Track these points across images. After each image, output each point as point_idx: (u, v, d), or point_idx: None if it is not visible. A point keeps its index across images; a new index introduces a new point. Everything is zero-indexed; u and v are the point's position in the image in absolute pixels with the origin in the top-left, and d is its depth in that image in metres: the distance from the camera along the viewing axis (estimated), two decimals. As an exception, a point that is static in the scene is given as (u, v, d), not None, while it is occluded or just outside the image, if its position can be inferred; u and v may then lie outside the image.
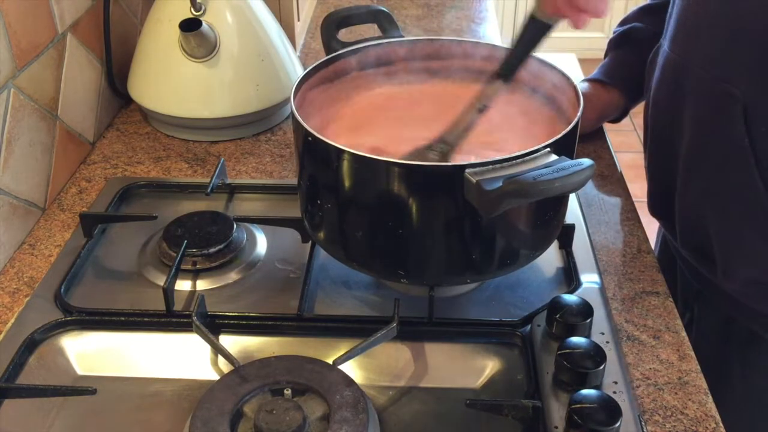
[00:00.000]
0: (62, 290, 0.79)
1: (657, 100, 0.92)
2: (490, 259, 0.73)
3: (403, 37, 0.86)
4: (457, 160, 0.74)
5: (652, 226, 1.02)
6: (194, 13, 1.05)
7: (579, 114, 0.70)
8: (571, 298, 0.73)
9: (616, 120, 1.10)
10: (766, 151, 0.78)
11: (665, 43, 0.88)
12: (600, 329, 0.74)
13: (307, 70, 0.79)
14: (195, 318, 0.72)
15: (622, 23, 1.08)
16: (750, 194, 0.80)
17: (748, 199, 0.81)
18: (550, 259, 0.84)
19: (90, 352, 0.75)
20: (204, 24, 1.02)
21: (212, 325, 0.75)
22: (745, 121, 0.78)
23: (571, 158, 0.64)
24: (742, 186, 0.81)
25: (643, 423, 0.66)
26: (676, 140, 0.88)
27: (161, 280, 0.80)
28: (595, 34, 3.44)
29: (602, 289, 0.81)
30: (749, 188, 0.80)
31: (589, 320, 0.71)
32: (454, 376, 0.73)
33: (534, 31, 0.72)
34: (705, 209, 0.86)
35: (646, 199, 1.03)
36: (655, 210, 0.99)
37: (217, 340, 0.73)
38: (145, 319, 0.77)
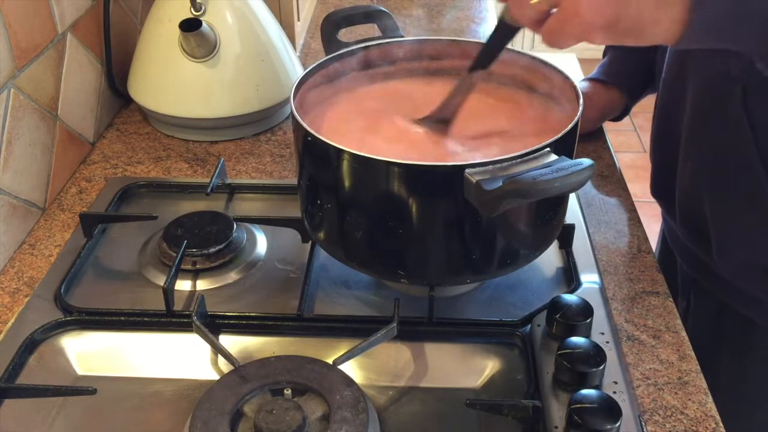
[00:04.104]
0: (62, 290, 0.79)
1: (665, 80, 0.93)
2: (490, 259, 0.73)
3: (403, 37, 0.86)
4: (458, 157, 0.74)
5: (652, 226, 1.02)
6: (194, 13, 1.05)
7: (579, 114, 0.70)
8: (571, 298, 0.73)
9: (618, 118, 1.10)
10: (765, 132, 0.78)
11: None
12: (600, 329, 0.74)
13: (307, 70, 0.79)
14: (195, 318, 0.72)
15: None
16: (747, 175, 0.81)
17: (745, 181, 0.81)
18: (550, 259, 0.84)
19: (90, 352, 0.75)
20: (204, 24, 1.02)
21: (212, 325, 0.75)
22: (743, 102, 0.78)
23: (571, 158, 0.64)
24: (740, 167, 0.82)
25: (643, 423, 0.66)
26: (678, 119, 0.89)
27: (161, 280, 0.80)
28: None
29: (602, 289, 0.81)
30: (747, 169, 0.80)
31: (589, 320, 0.71)
32: (454, 376, 0.73)
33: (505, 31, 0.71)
34: (702, 188, 0.87)
35: (645, 200, 1.03)
36: (656, 190, 1.00)
37: (217, 340, 0.73)
38: (145, 319, 0.77)
